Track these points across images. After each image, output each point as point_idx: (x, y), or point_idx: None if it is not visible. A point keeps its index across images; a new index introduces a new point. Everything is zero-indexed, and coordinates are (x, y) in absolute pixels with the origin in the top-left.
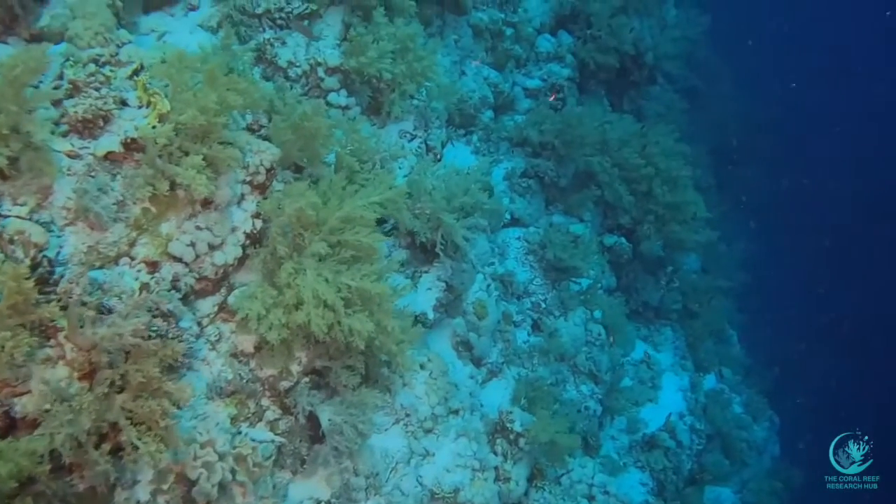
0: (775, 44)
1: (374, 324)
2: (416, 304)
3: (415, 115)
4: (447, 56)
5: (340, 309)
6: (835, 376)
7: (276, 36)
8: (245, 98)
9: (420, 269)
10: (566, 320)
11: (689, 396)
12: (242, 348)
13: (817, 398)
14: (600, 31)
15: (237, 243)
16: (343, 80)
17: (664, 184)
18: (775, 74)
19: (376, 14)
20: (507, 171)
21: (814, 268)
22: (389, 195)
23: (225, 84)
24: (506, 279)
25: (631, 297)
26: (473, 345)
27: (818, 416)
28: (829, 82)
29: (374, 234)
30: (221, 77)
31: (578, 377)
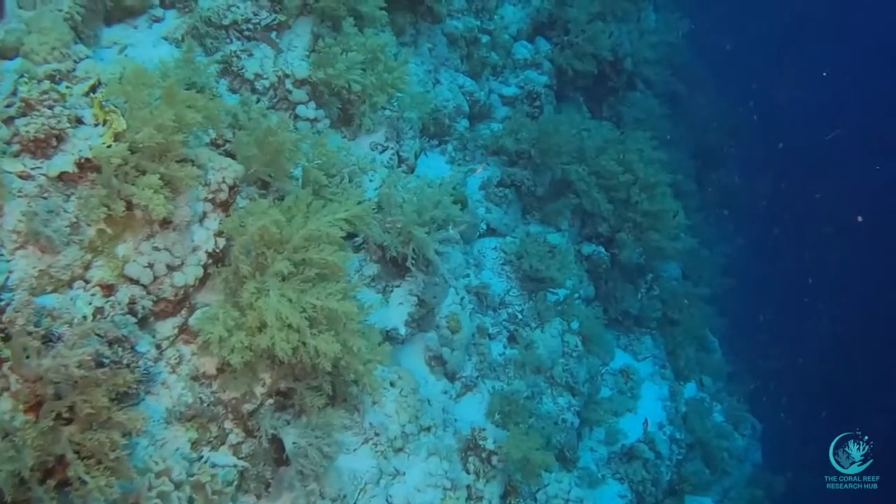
0: (757, 48)
1: (340, 344)
2: (388, 319)
3: (386, 126)
4: (421, 65)
5: (305, 330)
6: (817, 379)
7: (243, 48)
8: (204, 114)
9: (391, 283)
10: (543, 332)
11: (668, 406)
12: (204, 370)
13: (800, 402)
14: (578, 38)
15: (198, 263)
16: (311, 93)
17: (642, 191)
18: (758, 78)
19: (345, 24)
20: (483, 180)
21: (797, 271)
22: (356, 211)
23: (183, 100)
24: (481, 291)
25: (610, 305)
26: (447, 359)
27: (801, 420)
28: (813, 84)
29: (340, 253)
30: (180, 93)
31: (555, 389)
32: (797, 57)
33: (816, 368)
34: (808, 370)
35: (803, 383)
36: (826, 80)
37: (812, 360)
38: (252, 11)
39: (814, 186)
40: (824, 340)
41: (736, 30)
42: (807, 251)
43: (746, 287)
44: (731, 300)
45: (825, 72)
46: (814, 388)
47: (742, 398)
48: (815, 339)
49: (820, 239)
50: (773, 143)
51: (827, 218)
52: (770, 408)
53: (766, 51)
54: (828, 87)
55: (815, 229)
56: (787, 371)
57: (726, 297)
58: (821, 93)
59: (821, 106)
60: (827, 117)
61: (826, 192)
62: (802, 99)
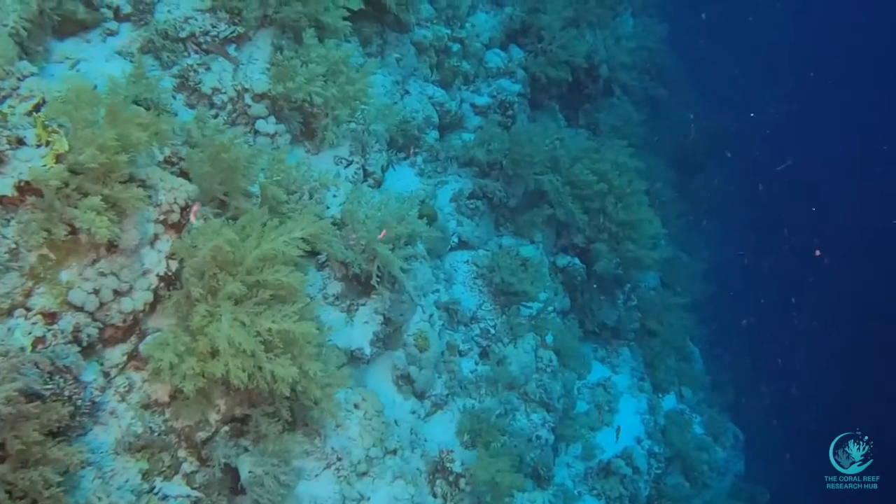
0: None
1: (297, 367)
2: (352, 338)
3: (351, 139)
4: (388, 76)
5: (261, 354)
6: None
7: (200, 61)
8: (152, 131)
9: (357, 301)
10: (515, 347)
11: (647, 419)
12: (156, 398)
13: (783, 409)
14: (551, 45)
15: (148, 287)
16: (271, 107)
17: (618, 200)
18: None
19: (306, 36)
20: (455, 192)
21: (780, 275)
22: (314, 229)
23: (128, 118)
24: (451, 307)
25: (587, 318)
26: (415, 378)
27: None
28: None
29: (296, 273)
30: (124, 111)
31: (529, 405)
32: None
33: (800, 373)
34: (791, 375)
35: (787, 389)
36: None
37: (795, 365)
38: (210, 24)
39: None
40: (808, 346)
41: (718, 33)
42: (790, 254)
43: (728, 292)
44: (712, 306)
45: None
46: (797, 394)
47: (724, 407)
48: (799, 343)
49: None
50: (756, 148)
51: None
52: (753, 416)
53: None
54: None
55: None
56: (771, 377)
57: (707, 303)
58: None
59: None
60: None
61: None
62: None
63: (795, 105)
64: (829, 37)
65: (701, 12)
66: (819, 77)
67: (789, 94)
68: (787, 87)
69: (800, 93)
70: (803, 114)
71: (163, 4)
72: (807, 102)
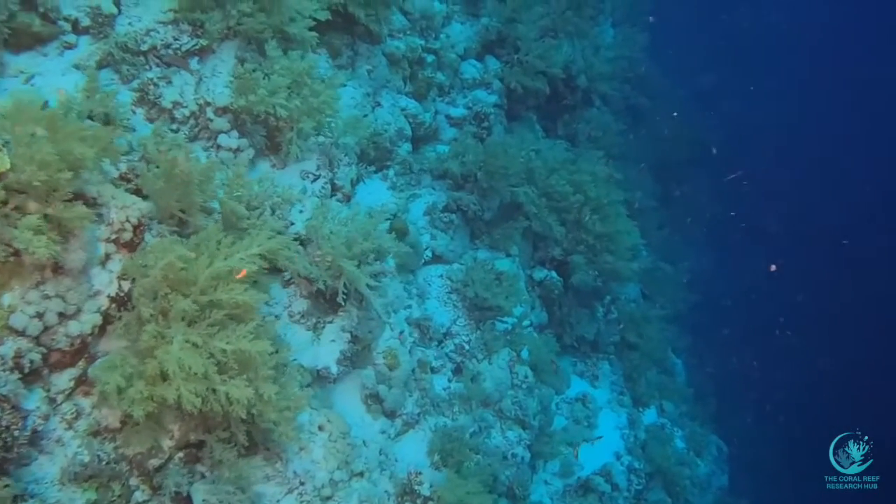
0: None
1: (253, 389)
2: (319, 357)
3: (318, 153)
4: (359, 88)
5: (214, 376)
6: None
7: (161, 74)
8: (98, 146)
9: (323, 319)
10: (490, 363)
11: (626, 434)
12: (107, 424)
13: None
14: (527, 55)
15: (97, 310)
16: (234, 121)
17: (594, 212)
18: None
19: (269, 47)
20: (428, 205)
21: (762, 284)
22: (271, 245)
23: (69, 133)
24: (423, 323)
25: (565, 332)
26: (384, 397)
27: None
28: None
29: (251, 291)
30: (66, 126)
31: (505, 423)
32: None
33: (786, 382)
34: (775, 383)
35: (771, 399)
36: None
37: (781, 375)
38: (172, 36)
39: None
40: (793, 355)
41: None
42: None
43: (711, 302)
44: (696, 316)
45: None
46: (782, 402)
47: (707, 420)
48: (784, 353)
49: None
50: (743, 158)
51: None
52: (738, 428)
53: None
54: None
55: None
56: (755, 387)
57: (691, 313)
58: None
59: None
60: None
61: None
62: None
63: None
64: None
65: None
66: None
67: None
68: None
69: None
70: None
71: (124, 17)
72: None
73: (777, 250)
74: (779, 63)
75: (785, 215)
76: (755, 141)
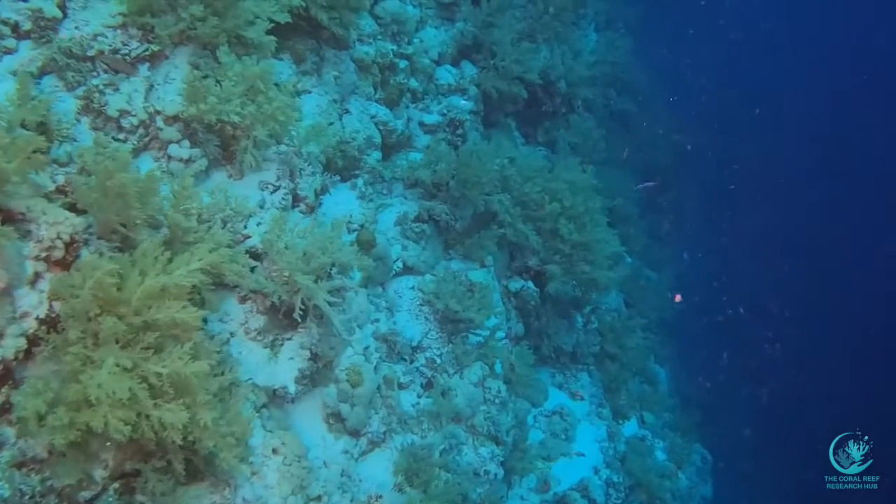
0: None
1: (189, 415)
2: (276, 376)
3: (278, 162)
4: (325, 95)
5: (146, 402)
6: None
7: (108, 81)
8: (20, 157)
9: (282, 336)
10: (461, 378)
11: (605, 447)
12: (33, 454)
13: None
14: (504, 61)
15: (21, 333)
16: (184, 130)
17: (571, 221)
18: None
19: (221, 52)
20: (399, 215)
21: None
22: (212, 259)
23: None
24: (390, 338)
25: (543, 343)
26: (346, 417)
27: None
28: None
29: (190, 309)
30: None
31: (477, 439)
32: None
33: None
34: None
35: (756, 406)
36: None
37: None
38: (121, 41)
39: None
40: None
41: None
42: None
43: (695, 309)
44: (681, 323)
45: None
46: (768, 408)
47: (691, 429)
48: (770, 364)
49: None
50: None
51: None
52: (722, 438)
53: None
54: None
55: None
56: (739, 394)
57: (675, 321)
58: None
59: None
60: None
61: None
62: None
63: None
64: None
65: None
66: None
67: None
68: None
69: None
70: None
71: (70, 21)
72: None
73: (768, 253)
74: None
75: (777, 216)
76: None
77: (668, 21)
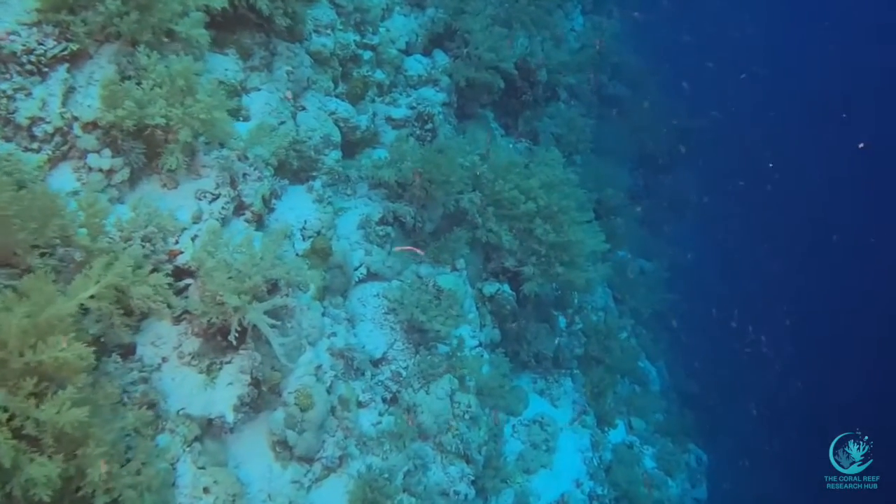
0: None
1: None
2: (213, 403)
3: (218, 168)
4: (275, 92)
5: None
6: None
7: (19, 85)
8: None
9: (219, 359)
10: (427, 393)
11: (589, 457)
12: None
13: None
14: (478, 49)
15: None
16: (104, 138)
17: (547, 221)
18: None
19: (140, 51)
20: (362, 218)
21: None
22: (110, 281)
23: None
24: (347, 353)
25: (522, 348)
26: (293, 444)
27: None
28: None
29: (75, 346)
30: None
31: (446, 457)
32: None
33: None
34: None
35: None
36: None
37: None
38: (37, 40)
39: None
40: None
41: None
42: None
43: (694, 299)
44: (676, 316)
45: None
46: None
47: (685, 430)
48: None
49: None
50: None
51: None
52: (719, 438)
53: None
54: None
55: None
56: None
57: (670, 313)
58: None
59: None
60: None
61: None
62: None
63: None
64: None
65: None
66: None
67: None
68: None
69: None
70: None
71: None
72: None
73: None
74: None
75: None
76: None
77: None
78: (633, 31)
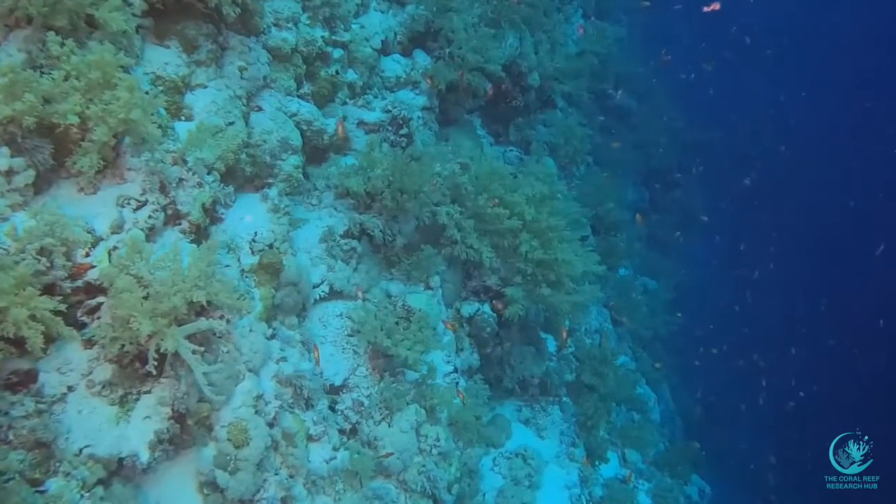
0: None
1: None
2: (125, 441)
3: (145, 172)
4: (223, 90)
5: None
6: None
7: None
8: None
9: (136, 389)
10: (390, 425)
11: (577, 494)
12: None
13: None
14: (461, 49)
15: None
16: (3, 135)
17: (534, 238)
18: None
19: (49, 37)
20: (325, 231)
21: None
22: None
23: None
24: (296, 381)
25: (505, 374)
26: (224, 486)
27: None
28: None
29: None
30: None
31: (410, 496)
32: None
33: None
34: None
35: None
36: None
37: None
38: None
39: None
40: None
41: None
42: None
43: (702, 321)
44: (682, 339)
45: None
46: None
47: (687, 460)
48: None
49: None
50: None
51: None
52: (725, 467)
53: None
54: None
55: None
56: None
57: (674, 337)
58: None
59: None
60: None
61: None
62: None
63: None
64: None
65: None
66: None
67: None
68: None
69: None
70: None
71: None
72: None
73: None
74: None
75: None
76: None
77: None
78: (642, 39)
